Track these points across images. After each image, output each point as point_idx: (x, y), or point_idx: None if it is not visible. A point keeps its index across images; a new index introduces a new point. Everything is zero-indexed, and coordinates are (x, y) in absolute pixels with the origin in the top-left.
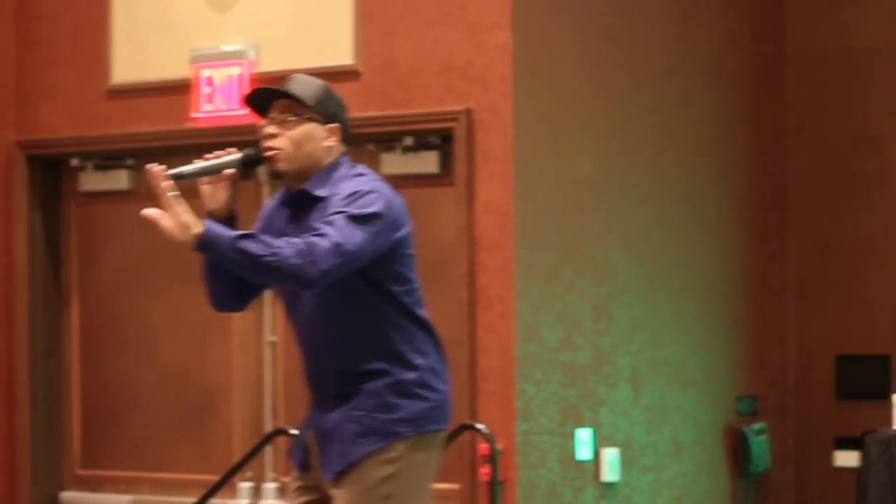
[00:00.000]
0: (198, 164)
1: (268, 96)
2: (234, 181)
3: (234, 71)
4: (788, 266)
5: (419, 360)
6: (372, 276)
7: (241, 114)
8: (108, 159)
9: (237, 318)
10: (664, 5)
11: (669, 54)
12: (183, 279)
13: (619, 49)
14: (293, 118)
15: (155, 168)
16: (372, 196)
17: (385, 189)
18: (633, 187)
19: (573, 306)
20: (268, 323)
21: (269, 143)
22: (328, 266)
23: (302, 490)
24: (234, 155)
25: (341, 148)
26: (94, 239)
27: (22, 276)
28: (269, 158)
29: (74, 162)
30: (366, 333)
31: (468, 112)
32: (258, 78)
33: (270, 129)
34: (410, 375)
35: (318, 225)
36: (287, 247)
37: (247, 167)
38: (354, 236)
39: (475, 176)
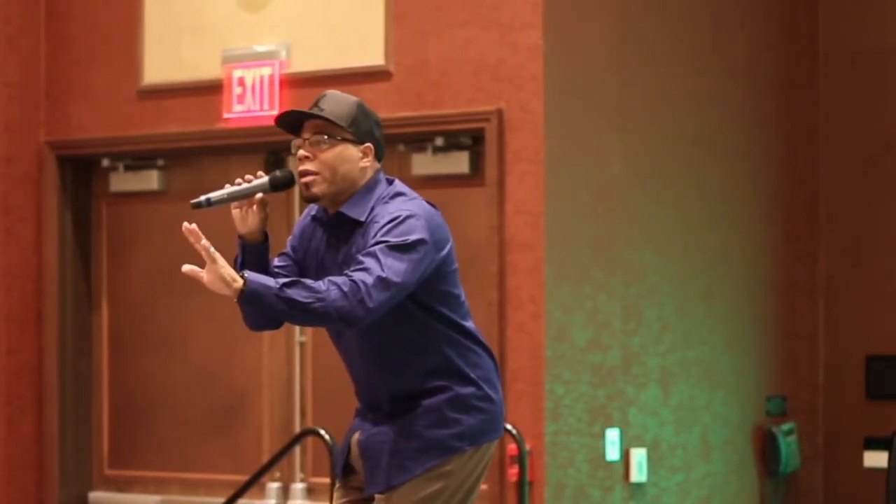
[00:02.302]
0: (225, 190)
1: (300, 117)
2: (263, 204)
3: (266, 71)
4: (818, 266)
5: (475, 373)
6: (420, 299)
7: (273, 114)
8: (139, 160)
9: None
10: (696, 5)
11: (700, 54)
12: None
13: (650, 49)
14: (327, 140)
15: (190, 227)
16: (412, 222)
17: (424, 208)
18: (664, 188)
19: (603, 306)
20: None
21: (303, 168)
22: (376, 303)
23: (344, 490)
24: (261, 179)
25: (376, 165)
26: (124, 239)
27: (52, 277)
28: (305, 184)
29: (105, 162)
30: (420, 355)
31: (499, 112)
32: (290, 79)
33: (303, 153)
34: (469, 389)
35: (360, 258)
36: (331, 288)
37: (275, 190)
38: (398, 267)
39: (506, 176)
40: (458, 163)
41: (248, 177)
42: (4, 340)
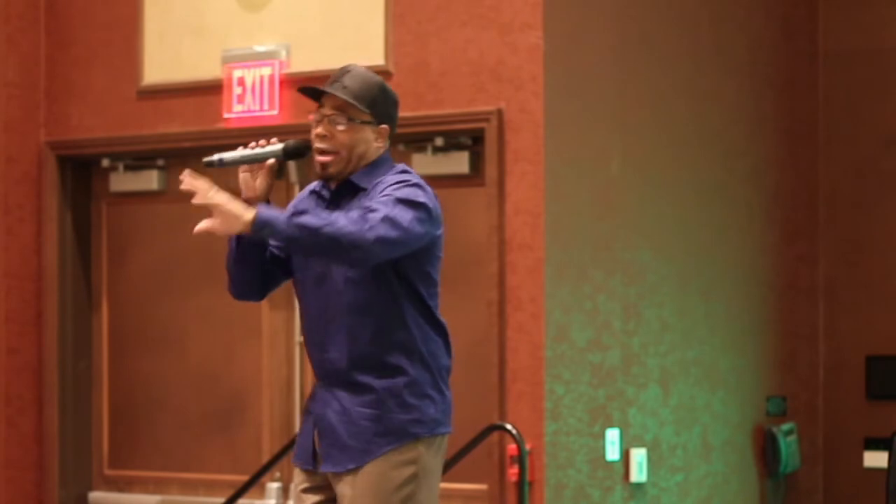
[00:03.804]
0: (239, 152)
1: (324, 93)
2: (272, 171)
3: (266, 71)
4: (818, 266)
5: (433, 362)
6: (404, 271)
7: (273, 114)
8: (139, 160)
9: (266, 319)
10: (696, 5)
11: (700, 54)
12: (212, 280)
13: (650, 49)
14: (345, 121)
15: (185, 177)
16: (418, 189)
17: (429, 188)
18: (663, 187)
19: (603, 306)
20: (297, 323)
21: (319, 145)
22: (383, 233)
23: (310, 491)
24: (275, 145)
25: (386, 144)
26: (124, 240)
27: (52, 277)
28: (322, 164)
29: (105, 162)
30: (390, 326)
31: (499, 112)
32: (290, 79)
33: (321, 130)
34: (426, 376)
35: (367, 204)
36: (341, 217)
37: (287, 158)
38: (406, 214)
39: (506, 176)
40: (458, 163)
41: (262, 141)
42: (4, 340)
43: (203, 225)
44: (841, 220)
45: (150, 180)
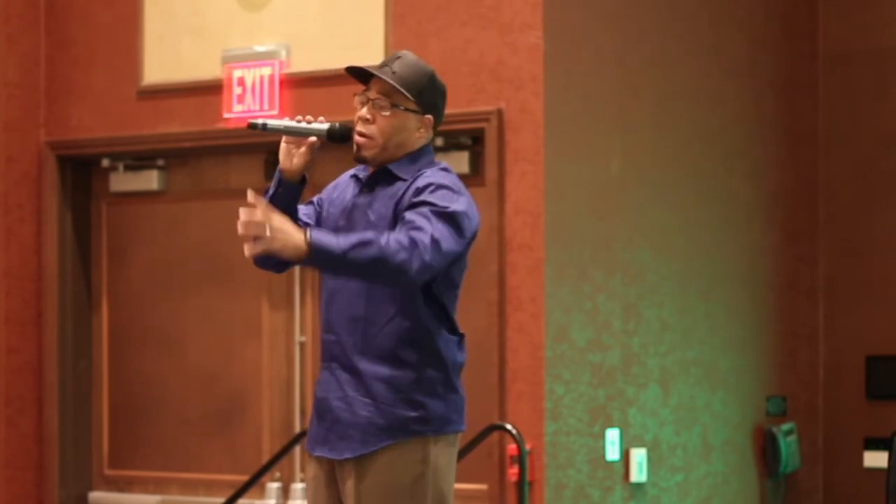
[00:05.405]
0: (284, 122)
1: (372, 76)
2: (312, 148)
3: (266, 71)
4: (818, 266)
5: (447, 360)
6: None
7: (273, 114)
8: (139, 160)
9: (266, 319)
10: (696, 5)
11: (701, 54)
12: (212, 280)
13: (649, 49)
14: (390, 108)
15: (251, 194)
16: (462, 199)
17: (468, 192)
18: (663, 188)
19: (603, 306)
20: (297, 323)
21: (361, 128)
22: (430, 259)
23: (322, 483)
24: (321, 124)
25: (429, 135)
26: (124, 239)
27: (52, 277)
28: (359, 145)
29: (105, 162)
30: (405, 318)
31: (499, 112)
32: (290, 79)
33: (364, 114)
34: (438, 374)
35: (410, 217)
36: (392, 242)
37: (330, 140)
38: (448, 235)
39: (506, 176)
40: (458, 163)
41: (308, 117)
42: (4, 340)
43: (257, 248)
44: (841, 220)
45: (150, 180)
